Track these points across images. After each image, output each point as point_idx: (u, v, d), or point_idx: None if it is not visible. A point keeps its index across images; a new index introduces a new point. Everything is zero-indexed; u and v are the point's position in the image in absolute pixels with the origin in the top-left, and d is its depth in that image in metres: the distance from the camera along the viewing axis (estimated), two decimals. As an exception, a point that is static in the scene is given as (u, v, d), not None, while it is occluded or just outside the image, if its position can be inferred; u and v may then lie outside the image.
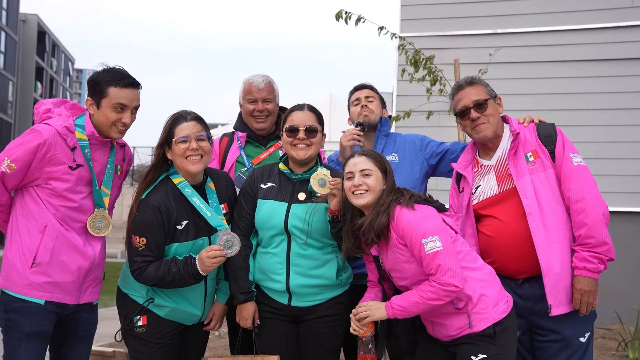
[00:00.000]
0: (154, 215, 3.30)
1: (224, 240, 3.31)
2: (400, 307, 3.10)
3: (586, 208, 3.24)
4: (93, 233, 3.36)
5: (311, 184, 3.43)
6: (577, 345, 3.30)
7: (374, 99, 4.16)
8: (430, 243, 3.01)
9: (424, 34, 7.92)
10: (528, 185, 3.35)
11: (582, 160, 3.37)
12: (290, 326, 3.51)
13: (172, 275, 3.28)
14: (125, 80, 3.35)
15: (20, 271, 3.25)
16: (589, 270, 3.22)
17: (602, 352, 6.14)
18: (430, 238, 3.01)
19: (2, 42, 43.91)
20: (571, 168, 3.33)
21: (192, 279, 3.30)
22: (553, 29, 7.87)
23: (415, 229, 3.05)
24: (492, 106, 3.47)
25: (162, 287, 3.35)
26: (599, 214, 3.23)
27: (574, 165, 3.33)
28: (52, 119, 3.36)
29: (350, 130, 3.94)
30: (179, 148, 3.33)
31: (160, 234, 3.31)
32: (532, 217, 3.31)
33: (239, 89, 4.21)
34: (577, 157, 3.37)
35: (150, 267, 3.29)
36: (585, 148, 7.12)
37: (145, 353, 3.39)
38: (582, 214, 3.24)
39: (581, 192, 3.27)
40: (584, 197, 3.26)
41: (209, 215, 3.38)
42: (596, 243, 3.21)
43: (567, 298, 3.27)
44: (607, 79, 7.65)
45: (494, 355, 3.06)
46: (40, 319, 3.25)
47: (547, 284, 3.26)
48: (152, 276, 3.29)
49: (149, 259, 3.31)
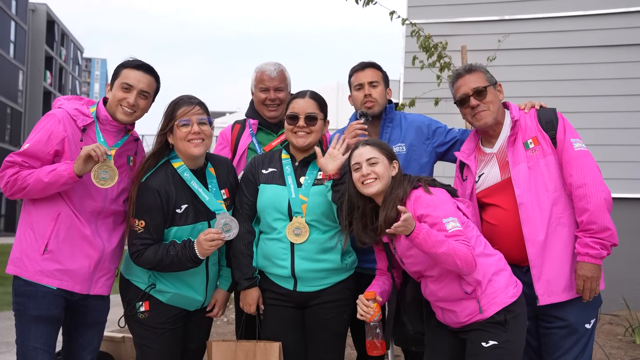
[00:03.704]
0: (153, 198, 3.33)
1: (222, 223, 3.35)
2: (427, 234, 2.93)
3: (588, 194, 3.23)
4: (97, 184, 3.31)
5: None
6: (583, 331, 3.31)
7: (378, 83, 3.95)
8: (451, 222, 3.01)
9: (431, 21, 7.87)
10: (522, 173, 3.35)
11: (583, 145, 3.35)
12: (295, 312, 3.53)
13: (170, 258, 3.31)
14: (135, 62, 3.47)
15: (32, 257, 3.30)
16: (591, 256, 3.22)
17: (609, 338, 6.14)
18: (450, 219, 3.02)
19: (12, 31, 44.01)
20: (572, 154, 3.31)
21: (190, 262, 3.33)
22: (561, 15, 7.82)
23: (436, 209, 3.05)
24: (491, 93, 3.46)
25: (160, 270, 3.38)
26: (600, 199, 3.22)
27: (575, 151, 3.31)
28: (64, 104, 3.46)
29: (354, 125, 3.78)
30: (181, 131, 3.37)
31: (159, 217, 3.35)
32: (523, 207, 3.32)
33: (251, 77, 4.22)
34: (578, 142, 3.34)
35: (148, 250, 3.33)
36: (593, 134, 7.15)
37: (148, 338, 3.43)
38: (584, 199, 3.24)
39: (582, 178, 3.26)
40: (586, 183, 3.25)
41: (207, 199, 3.42)
42: (598, 229, 3.21)
43: (566, 285, 3.28)
44: (615, 65, 7.60)
45: (505, 341, 3.06)
46: (48, 303, 3.30)
47: (534, 275, 3.28)
48: (151, 259, 3.32)
49: (148, 241, 3.34)
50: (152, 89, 3.50)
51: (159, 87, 3.60)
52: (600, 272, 3.25)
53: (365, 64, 4.00)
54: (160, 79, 3.58)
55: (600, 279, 3.26)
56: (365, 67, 3.97)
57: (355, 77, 3.99)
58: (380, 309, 3.26)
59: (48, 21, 51.52)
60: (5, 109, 43.08)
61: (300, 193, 3.49)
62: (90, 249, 3.37)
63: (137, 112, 3.46)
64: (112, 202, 3.45)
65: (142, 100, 3.45)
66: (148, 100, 3.50)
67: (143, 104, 3.47)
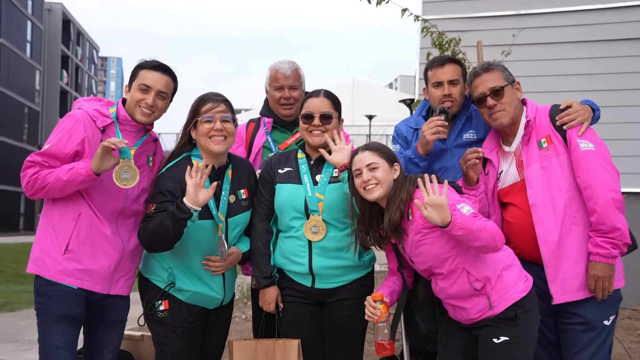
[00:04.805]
0: (171, 185, 3.36)
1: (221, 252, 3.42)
2: (461, 215, 2.93)
3: (594, 195, 3.22)
4: (119, 184, 3.35)
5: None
6: (601, 328, 3.31)
7: (458, 81, 3.69)
8: (466, 207, 3.00)
9: (446, 17, 7.86)
10: (535, 174, 3.35)
11: (590, 144, 3.30)
12: (313, 309, 3.55)
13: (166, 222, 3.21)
14: (152, 63, 3.49)
15: (53, 257, 3.33)
16: (602, 255, 3.21)
17: (628, 333, 6.12)
18: (462, 204, 3.01)
19: (29, 31, 44.40)
20: (579, 154, 3.29)
21: (181, 214, 3.19)
22: (576, 8, 7.77)
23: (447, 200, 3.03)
24: (509, 93, 3.44)
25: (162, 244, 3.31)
26: (607, 199, 3.20)
27: (581, 151, 3.29)
28: (83, 105, 3.50)
29: (435, 121, 3.55)
30: (204, 127, 3.40)
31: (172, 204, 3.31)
32: (535, 208, 3.32)
33: (265, 75, 4.21)
34: (584, 142, 3.30)
35: (150, 222, 3.29)
36: (611, 129, 7.07)
37: (168, 337, 3.45)
38: (592, 200, 3.23)
39: (588, 179, 3.25)
40: (592, 184, 3.24)
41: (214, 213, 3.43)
42: (607, 229, 3.20)
43: (581, 284, 3.27)
44: (631, 58, 7.54)
45: (516, 337, 3.07)
46: (70, 302, 3.33)
47: (548, 274, 3.29)
48: (150, 227, 3.27)
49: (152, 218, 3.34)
50: (169, 90, 3.53)
51: (177, 87, 3.62)
52: (613, 271, 3.24)
53: (445, 59, 3.78)
54: (177, 79, 3.61)
55: (612, 278, 3.25)
56: (444, 63, 3.73)
57: (433, 73, 3.74)
58: (387, 310, 3.27)
59: (64, 20, 51.91)
60: (22, 108, 43.48)
61: (316, 191, 3.51)
62: (110, 249, 3.40)
63: (155, 112, 3.49)
64: (132, 202, 3.47)
65: (160, 100, 3.48)
66: (166, 101, 3.53)
67: (161, 105, 3.50)
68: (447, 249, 3.11)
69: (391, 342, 3.28)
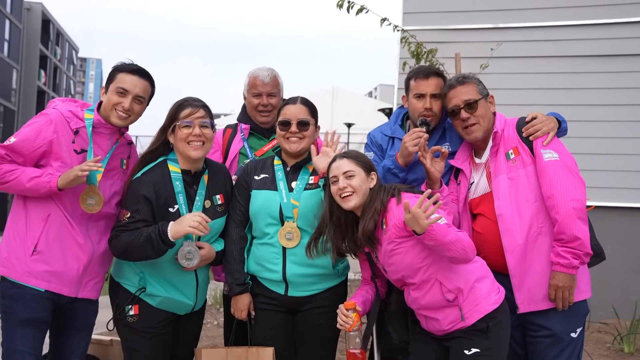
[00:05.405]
0: (145, 191, 3.34)
1: (186, 251, 3.36)
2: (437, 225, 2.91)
3: (556, 204, 3.25)
4: (85, 210, 3.35)
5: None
6: (568, 340, 3.32)
7: (440, 96, 3.62)
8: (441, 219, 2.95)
9: (426, 28, 7.89)
10: (502, 185, 3.37)
11: (554, 154, 3.32)
12: (286, 317, 3.54)
13: (142, 240, 3.23)
14: (131, 67, 3.48)
15: (20, 258, 3.29)
16: (562, 265, 3.23)
17: (597, 346, 6.17)
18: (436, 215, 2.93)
19: (7, 30, 43.92)
20: (542, 164, 3.32)
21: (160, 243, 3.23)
22: (555, 24, 7.85)
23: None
24: (482, 106, 3.46)
25: (133, 257, 3.32)
26: (568, 208, 3.22)
27: (545, 162, 3.32)
28: (58, 105, 3.47)
29: (417, 132, 3.51)
30: (182, 132, 3.39)
31: (147, 211, 3.33)
32: (502, 219, 3.34)
33: (244, 82, 4.22)
34: (548, 152, 3.33)
35: (124, 234, 3.30)
36: (586, 143, 7.19)
37: (137, 342, 3.42)
38: (553, 210, 3.26)
39: (550, 189, 3.27)
40: (553, 194, 3.26)
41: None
42: (568, 239, 3.21)
43: (546, 294, 3.29)
44: (608, 74, 7.64)
45: (487, 349, 3.08)
46: (36, 305, 3.28)
47: (514, 284, 3.31)
48: (124, 241, 3.28)
49: (127, 229, 3.31)
50: (147, 94, 3.52)
51: (154, 92, 3.61)
52: (574, 281, 3.25)
53: (430, 72, 3.70)
54: (155, 83, 3.59)
55: (572, 289, 3.26)
56: (429, 76, 3.66)
57: (416, 85, 3.67)
58: (360, 319, 3.27)
59: (43, 20, 51.40)
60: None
61: (291, 197, 3.50)
62: (79, 252, 3.36)
63: (131, 116, 3.47)
64: (104, 205, 3.44)
65: (137, 105, 3.46)
66: (143, 105, 3.51)
67: (138, 109, 3.48)
68: (419, 258, 3.11)
69: (362, 351, 3.27)
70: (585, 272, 3.38)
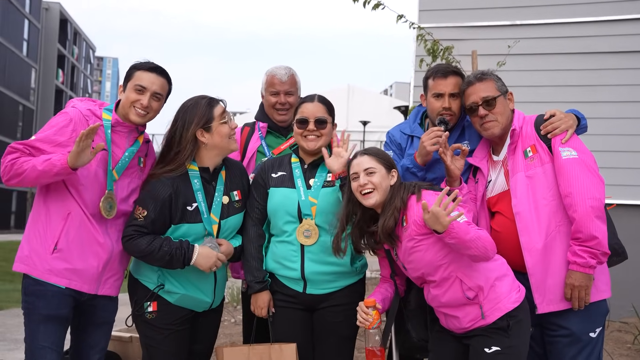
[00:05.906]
0: (163, 190, 3.36)
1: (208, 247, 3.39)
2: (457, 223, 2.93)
3: (573, 203, 3.22)
4: (105, 215, 3.37)
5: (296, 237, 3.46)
6: (587, 340, 3.28)
7: (459, 95, 3.59)
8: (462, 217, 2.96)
9: (442, 25, 7.88)
10: (520, 183, 3.35)
11: (572, 152, 3.29)
12: (305, 315, 3.54)
13: (162, 253, 3.30)
14: (148, 65, 3.50)
15: (41, 256, 3.31)
16: (579, 264, 3.19)
17: (617, 346, 6.12)
18: (457, 212, 2.93)
19: (25, 30, 44.37)
20: (560, 163, 3.29)
21: (180, 264, 3.33)
22: (572, 20, 7.81)
23: None
24: (501, 103, 3.44)
25: (145, 261, 3.39)
26: (586, 207, 3.19)
27: (563, 160, 3.29)
28: (77, 104, 3.49)
29: (435, 131, 3.48)
30: (225, 129, 3.45)
31: (164, 211, 3.35)
32: (520, 217, 3.32)
33: (262, 80, 4.22)
34: (567, 150, 3.30)
35: (143, 238, 3.32)
36: (603, 140, 7.12)
37: (155, 339, 3.44)
38: (571, 208, 3.23)
39: (568, 187, 3.24)
40: (571, 192, 3.23)
41: (205, 217, 3.43)
42: (585, 237, 3.18)
43: (563, 295, 3.26)
44: (627, 71, 7.58)
45: (507, 347, 3.07)
46: (57, 302, 3.31)
47: (532, 283, 3.28)
48: (142, 247, 3.32)
49: (144, 230, 3.34)
50: (164, 91, 3.54)
51: (171, 89, 3.62)
52: (590, 281, 3.21)
53: (449, 71, 3.67)
54: (172, 81, 3.61)
55: (589, 288, 3.22)
56: (448, 75, 3.63)
57: (434, 84, 3.64)
58: (379, 317, 3.26)
59: (61, 20, 51.87)
60: (17, 106, 43.40)
61: (309, 195, 3.51)
62: (99, 249, 3.38)
63: (150, 113, 3.49)
64: (122, 202, 3.46)
65: (155, 102, 3.49)
66: (160, 102, 3.53)
67: (156, 106, 3.50)
68: (440, 256, 3.11)
69: (382, 349, 3.27)
70: (604, 271, 3.35)
